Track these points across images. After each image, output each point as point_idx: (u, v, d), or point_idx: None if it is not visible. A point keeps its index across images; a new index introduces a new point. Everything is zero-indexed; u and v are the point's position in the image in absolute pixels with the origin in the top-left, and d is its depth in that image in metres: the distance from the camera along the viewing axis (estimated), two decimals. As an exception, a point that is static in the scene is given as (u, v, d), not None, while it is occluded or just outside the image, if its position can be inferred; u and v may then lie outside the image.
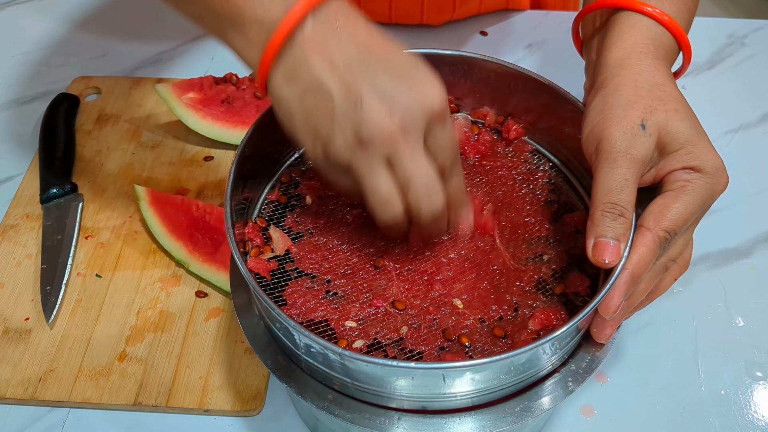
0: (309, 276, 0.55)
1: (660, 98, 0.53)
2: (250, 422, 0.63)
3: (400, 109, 0.48)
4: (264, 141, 0.58)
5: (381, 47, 0.49)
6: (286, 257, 0.56)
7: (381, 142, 0.48)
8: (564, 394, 0.50)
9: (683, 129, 0.52)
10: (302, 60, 0.48)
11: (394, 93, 0.48)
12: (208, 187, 0.79)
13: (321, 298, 0.53)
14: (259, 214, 0.59)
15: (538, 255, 0.56)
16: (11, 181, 0.81)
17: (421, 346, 0.51)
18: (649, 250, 0.50)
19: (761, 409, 0.63)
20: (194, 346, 0.66)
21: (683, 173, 0.52)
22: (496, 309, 0.53)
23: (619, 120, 0.52)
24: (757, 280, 0.72)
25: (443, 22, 0.97)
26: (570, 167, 0.62)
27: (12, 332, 0.68)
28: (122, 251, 0.74)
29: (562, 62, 0.91)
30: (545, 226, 0.58)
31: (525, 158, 0.62)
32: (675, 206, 0.51)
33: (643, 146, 0.52)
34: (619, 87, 0.54)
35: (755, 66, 0.94)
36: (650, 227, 0.51)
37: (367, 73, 0.48)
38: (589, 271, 0.55)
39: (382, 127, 0.47)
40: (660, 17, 0.57)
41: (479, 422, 0.49)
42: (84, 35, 0.99)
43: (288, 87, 0.49)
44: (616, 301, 0.49)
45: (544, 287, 0.55)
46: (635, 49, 0.56)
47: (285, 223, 0.58)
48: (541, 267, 0.56)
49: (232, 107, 0.84)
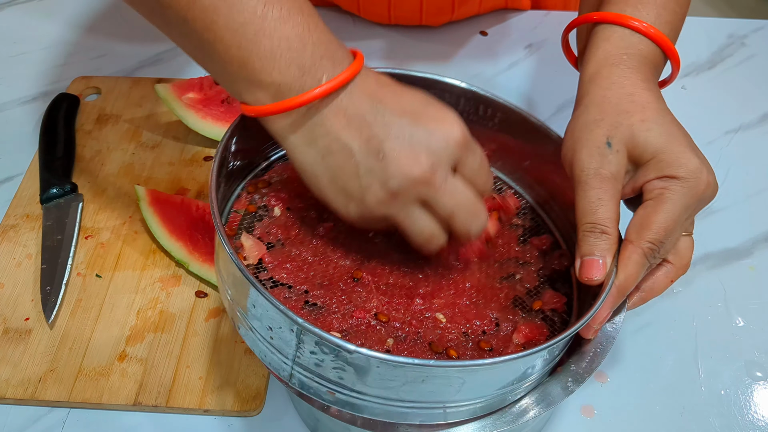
0: (285, 286, 0.53)
1: (626, 111, 0.53)
2: (250, 422, 0.63)
3: (422, 151, 0.47)
4: (233, 150, 0.57)
5: (391, 93, 0.49)
6: (259, 266, 0.54)
7: (412, 188, 0.48)
8: (564, 394, 0.50)
9: (651, 138, 0.52)
10: (320, 123, 0.48)
11: (413, 136, 0.48)
12: (208, 187, 0.79)
13: (300, 309, 0.52)
14: (225, 223, 0.57)
15: (510, 275, 0.57)
16: (11, 181, 0.81)
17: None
18: (634, 263, 0.51)
19: (761, 409, 0.63)
20: (194, 346, 0.66)
21: (659, 182, 0.52)
22: (479, 324, 0.53)
23: (585, 142, 0.53)
24: (757, 280, 0.72)
25: (443, 22, 0.97)
26: (531, 194, 0.63)
27: (12, 332, 0.68)
28: (122, 251, 0.74)
29: (562, 62, 0.91)
30: (514, 248, 0.59)
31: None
32: (656, 217, 0.51)
33: (612, 164, 0.52)
34: (588, 106, 0.55)
35: (755, 66, 0.94)
36: (633, 240, 0.51)
37: (383, 122, 0.48)
38: (563, 290, 0.56)
39: (410, 174, 0.47)
40: (640, 28, 0.57)
41: (479, 423, 0.49)
42: (84, 35, 0.99)
43: (310, 150, 0.49)
44: (603, 314, 0.50)
45: (522, 303, 0.55)
46: (607, 62, 0.56)
47: (254, 233, 0.56)
48: (516, 285, 0.56)
49: (232, 107, 0.84)
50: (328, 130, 0.48)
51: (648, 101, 0.54)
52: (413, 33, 0.97)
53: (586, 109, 0.55)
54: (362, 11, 0.97)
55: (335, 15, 0.99)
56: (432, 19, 0.96)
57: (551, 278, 0.57)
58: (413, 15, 0.95)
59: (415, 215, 0.50)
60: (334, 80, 0.47)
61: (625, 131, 0.52)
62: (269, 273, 0.54)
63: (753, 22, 1.00)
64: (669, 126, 0.53)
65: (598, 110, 0.54)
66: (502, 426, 0.49)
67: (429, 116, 0.49)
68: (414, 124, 0.48)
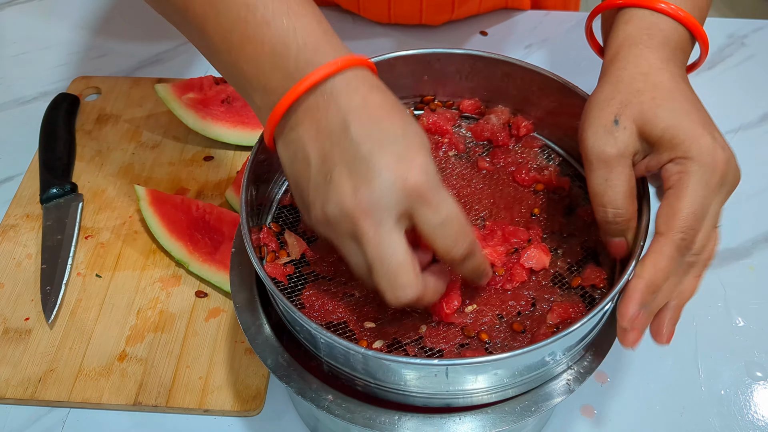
0: (326, 279, 0.55)
1: (638, 89, 0.52)
2: (250, 422, 0.63)
3: (364, 186, 0.44)
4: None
5: (374, 113, 0.46)
6: (302, 261, 0.56)
7: (343, 221, 0.45)
8: (564, 394, 0.50)
9: (661, 114, 0.51)
10: (295, 128, 0.47)
11: (364, 169, 0.44)
12: (208, 187, 0.79)
13: (339, 300, 0.53)
14: (273, 219, 0.59)
15: (552, 249, 0.56)
16: (11, 181, 0.81)
17: (440, 344, 0.51)
18: (664, 256, 0.48)
19: (761, 409, 0.63)
20: (194, 346, 0.66)
21: (674, 166, 0.50)
22: (513, 305, 0.53)
23: (592, 121, 0.52)
24: (757, 280, 0.72)
25: (443, 22, 0.97)
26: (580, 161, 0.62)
27: (12, 332, 0.68)
28: (122, 251, 0.74)
29: (562, 62, 0.91)
30: (558, 220, 0.58)
31: (535, 153, 0.63)
32: (679, 204, 0.49)
33: (618, 141, 0.51)
34: (603, 85, 0.54)
35: (755, 66, 0.94)
36: (663, 231, 0.49)
37: (344, 146, 0.45)
38: (605, 264, 0.55)
39: (343, 205, 0.45)
40: (668, 11, 0.55)
41: (479, 422, 0.49)
42: (84, 35, 0.99)
43: (284, 152, 0.49)
44: (632, 310, 0.48)
45: (561, 281, 0.55)
46: (626, 42, 0.55)
47: (299, 227, 0.58)
48: (557, 261, 0.56)
49: (232, 107, 0.84)
50: (299, 137, 0.47)
51: (661, 80, 0.52)
52: (413, 32, 0.97)
53: (601, 88, 0.54)
54: (362, 10, 0.97)
55: (335, 14, 0.99)
56: (432, 19, 0.96)
57: (595, 251, 0.56)
58: (413, 14, 0.95)
59: (348, 247, 0.47)
60: (304, 82, 0.46)
61: (635, 109, 0.51)
62: (311, 267, 0.56)
63: (753, 22, 1.00)
64: (681, 103, 0.52)
65: (611, 89, 0.53)
66: (502, 425, 0.49)
67: (393, 154, 0.45)
68: (370, 158, 0.44)
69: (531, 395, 0.50)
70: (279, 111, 0.47)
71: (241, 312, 0.54)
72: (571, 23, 0.99)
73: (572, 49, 0.68)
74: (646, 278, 0.48)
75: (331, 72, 0.46)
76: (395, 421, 0.49)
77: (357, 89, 0.46)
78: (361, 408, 0.49)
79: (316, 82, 0.46)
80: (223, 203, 0.77)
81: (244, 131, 0.82)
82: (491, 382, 0.48)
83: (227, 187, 0.79)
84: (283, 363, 0.51)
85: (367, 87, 0.47)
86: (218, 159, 0.82)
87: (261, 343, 0.52)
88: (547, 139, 0.64)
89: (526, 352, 0.45)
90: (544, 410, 0.50)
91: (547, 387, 0.51)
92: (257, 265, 0.49)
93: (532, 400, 0.50)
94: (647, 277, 0.48)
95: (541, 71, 0.60)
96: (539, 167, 0.61)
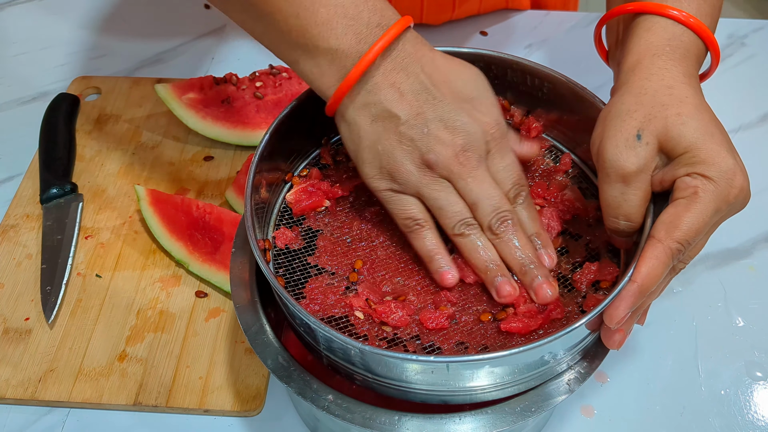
0: (328, 273, 0.55)
1: (663, 103, 0.51)
2: (250, 422, 0.63)
3: (463, 135, 0.52)
4: (281, 143, 0.58)
5: (445, 75, 0.53)
6: (310, 246, 0.57)
7: (446, 163, 0.51)
8: (564, 394, 0.50)
9: (686, 132, 0.50)
10: (374, 91, 0.52)
11: (456, 119, 0.52)
12: (208, 187, 0.79)
13: (340, 294, 0.53)
14: (278, 213, 0.59)
15: (558, 249, 0.56)
16: (11, 181, 0.81)
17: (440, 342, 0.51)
18: (659, 262, 0.49)
19: (761, 409, 0.63)
20: (194, 346, 0.66)
21: (690, 179, 0.50)
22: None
23: (614, 132, 0.51)
24: (757, 280, 0.72)
25: (443, 21, 0.97)
26: (588, 163, 0.62)
27: (12, 332, 0.68)
28: (122, 251, 0.74)
29: (561, 62, 0.91)
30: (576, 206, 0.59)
31: (542, 154, 0.63)
32: (687, 216, 0.49)
33: (638, 156, 0.50)
34: (624, 95, 0.53)
35: (755, 66, 0.94)
36: (661, 239, 0.49)
37: (433, 102, 0.52)
38: (609, 263, 0.55)
39: (446, 151, 0.51)
40: (680, 18, 0.55)
41: (479, 422, 0.49)
42: (84, 35, 0.99)
43: (360, 114, 0.53)
44: (621, 312, 0.48)
45: (564, 281, 0.55)
46: (649, 52, 0.54)
47: (305, 223, 0.58)
48: (561, 262, 0.56)
49: (232, 107, 0.84)
50: (381, 100, 0.52)
51: (686, 95, 0.52)
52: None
53: (621, 98, 0.53)
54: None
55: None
56: (432, 18, 0.96)
57: (597, 253, 0.56)
58: (413, 13, 0.95)
59: (443, 190, 0.52)
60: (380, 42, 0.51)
61: (659, 123, 0.51)
62: (316, 260, 0.56)
63: (753, 22, 1.00)
64: (706, 122, 0.51)
65: (634, 100, 0.52)
66: (502, 425, 0.49)
67: (474, 105, 0.53)
68: (459, 110, 0.52)
69: (531, 395, 0.50)
70: (355, 74, 0.51)
71: (241, 312, 0.54)
72: (570, 23, 0.99)
73: (572, 49, 0.68)
74: (639, 283, 0.48)
75: (396, 34, 0.51)
76: (395, 421, 0.49)
77: (420, 50, 0.53)
78: (360, 408, 0.49)
79: (387, 45, 0.51)
80: (223, 203, 0.77)
81: (244, 131, 0.82)
82: (491, 380, 0.48)
83: (227, 187, 0.79)
84: (283, 363, 0.51)
85: (427, 47, 0.54)
86: (218, 159, 0.82)
87: (261, 343, 0.52)
88: (555, 140, 0.64)
89: (526, 351, 0.45)
90: (544, 410, 0.50)
91: (547, 387, 0.51)
92: (261, 261, 0.49)
93: (532, 400, 0.50)
94: (641, 282, 0.48)
95: (554, 73, 0.60)
96: (547, 170, 0.61)
